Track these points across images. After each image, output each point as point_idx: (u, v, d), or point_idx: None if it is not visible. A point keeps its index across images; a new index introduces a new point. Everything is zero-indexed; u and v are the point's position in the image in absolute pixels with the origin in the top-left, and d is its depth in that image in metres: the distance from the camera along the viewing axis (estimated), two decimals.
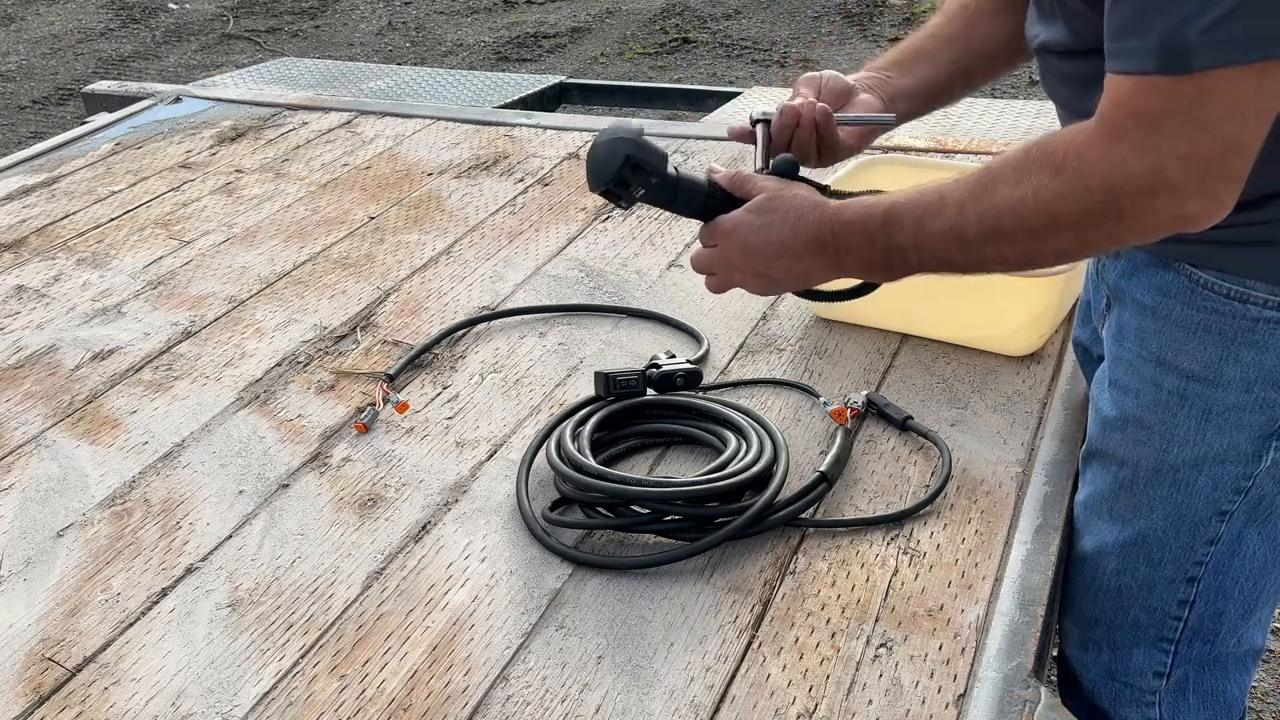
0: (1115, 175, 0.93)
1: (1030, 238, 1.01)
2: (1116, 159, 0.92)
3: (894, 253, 1.10)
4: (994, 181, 1.02)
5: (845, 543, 1.26)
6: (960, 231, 1.04)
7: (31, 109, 6.05)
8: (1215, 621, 1.24)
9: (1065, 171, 0.96)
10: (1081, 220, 0.96)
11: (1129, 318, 1.20)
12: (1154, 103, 0.89)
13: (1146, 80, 0.88)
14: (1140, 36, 0.87)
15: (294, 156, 2.47)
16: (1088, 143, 0.95)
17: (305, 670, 1.13)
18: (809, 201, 1.15)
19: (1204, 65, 0.85)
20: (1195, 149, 0.89)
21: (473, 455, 1.45)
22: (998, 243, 1.03)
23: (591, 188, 1.21)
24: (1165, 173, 0.90)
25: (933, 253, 1.08)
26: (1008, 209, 1.00)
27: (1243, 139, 0.89)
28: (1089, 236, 0.98)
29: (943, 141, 2.31)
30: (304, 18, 7.28)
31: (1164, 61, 0.86)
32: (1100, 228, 0.96)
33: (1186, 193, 0.91)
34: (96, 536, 1.34)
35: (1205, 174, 0.90)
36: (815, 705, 1.06)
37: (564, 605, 1.19)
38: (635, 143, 1.18)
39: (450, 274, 1.92)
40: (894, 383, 1.54)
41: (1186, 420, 1.15)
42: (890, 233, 1.09)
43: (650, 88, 3.86)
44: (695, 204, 1.22)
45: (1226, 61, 0.85)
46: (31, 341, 1.78)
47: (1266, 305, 1.08)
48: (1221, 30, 0.83)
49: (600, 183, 1.20)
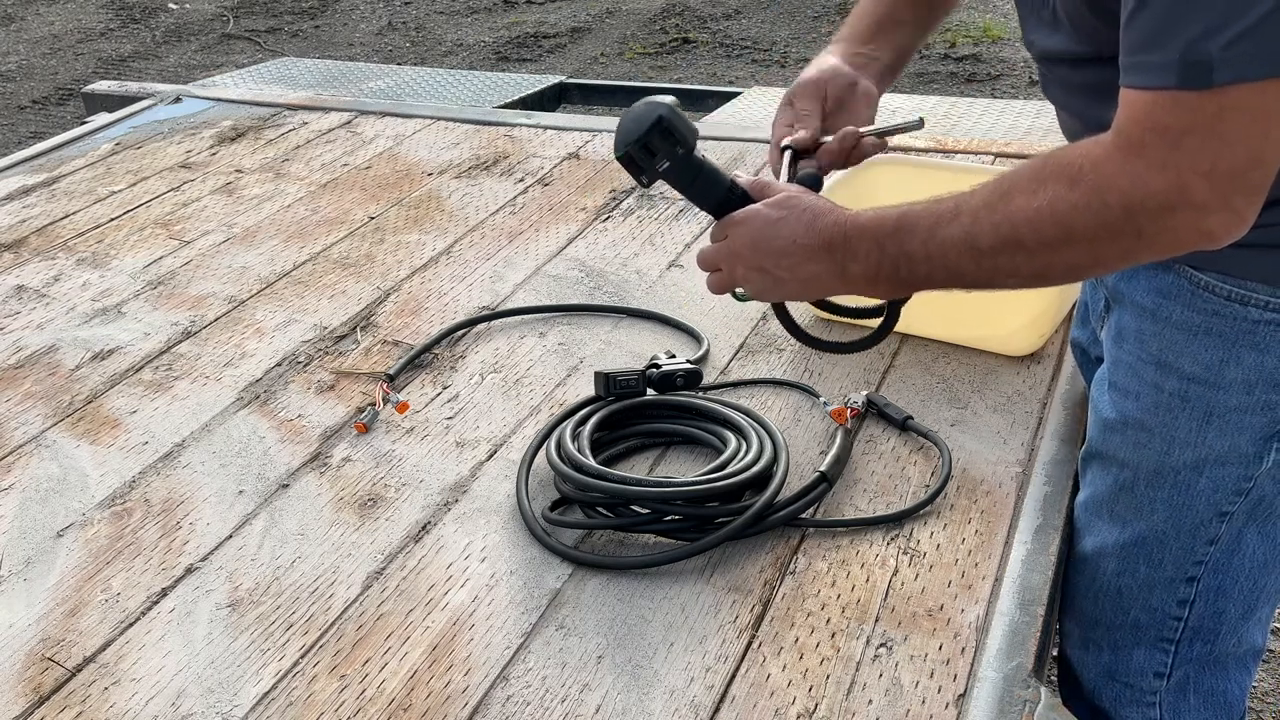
0: (1134, 191, 0.91)
1: (1045, 250, 0.99)
2: (1135, 175, 0.91)
3: (903, 261, 1.07)
4: (1010, 191, 1.00)
5: (845, 543, 1.26)
6: (974, 240, 1.01)
7: (31, 109, 6.05)
8: (1215, 621, 1.24)
9: (1081, 184, 0.94)
10: (1098, 234, 0.95)
11: (1129, 320, 1.20)
12: (1175, 118, 0.87)
13: (1167, 95, 0.87)
14: (1160, 51, 0.86)
15: (294, 156, 2.47)
16: (1105, 157, 0.93)
17: (305, 670, 1.13)
18: (828, 206, 1.13)
19: (1226, 80, 0.84)
20: (1217, 164, 0.87)
21: (473, 455, 1.45)
22: (1012, 253, 1.00)
23: (616, 152, 1.17)
24: (1187, 189, 0.89)
25: (943, 263, 1.05)
26: (1023, 219, 0.98)
27: (1265, 154, 0.88)
28: (1103, 251, 0.96)
29: (943, 141, 2.31)
30: (304, 18, 7.28)
31: (1185, 76, 0.85)
32: (1116, 242, 0.95)
33: (1208, 209, 0.89)
34: (96, 536, 1.34)
35: (1228, 188, 0.88)
36: (815, 705, 1.06)
37: (564, 605, 1.19)
38: (670, 108, 1.14)
39: (450, 274, 1.92)
40: (894, 383, 1.54)
41: (1187, 422, 1.15)
42: (901, 240, 1.06)
43: (650, 88, 3.85)
44: (715, 195, 1.18)
45: (1249, 76, 0.83)
46: (31, 341, 1.78)
47: (1267, 308, 1.08)
48: (1243, 45, 0.82)
49: (627, 143, 1.15)
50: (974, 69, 5.51)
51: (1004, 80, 5.36)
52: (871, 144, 1.29)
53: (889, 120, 1.30)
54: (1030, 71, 5.32)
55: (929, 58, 5.66)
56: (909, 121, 1.26)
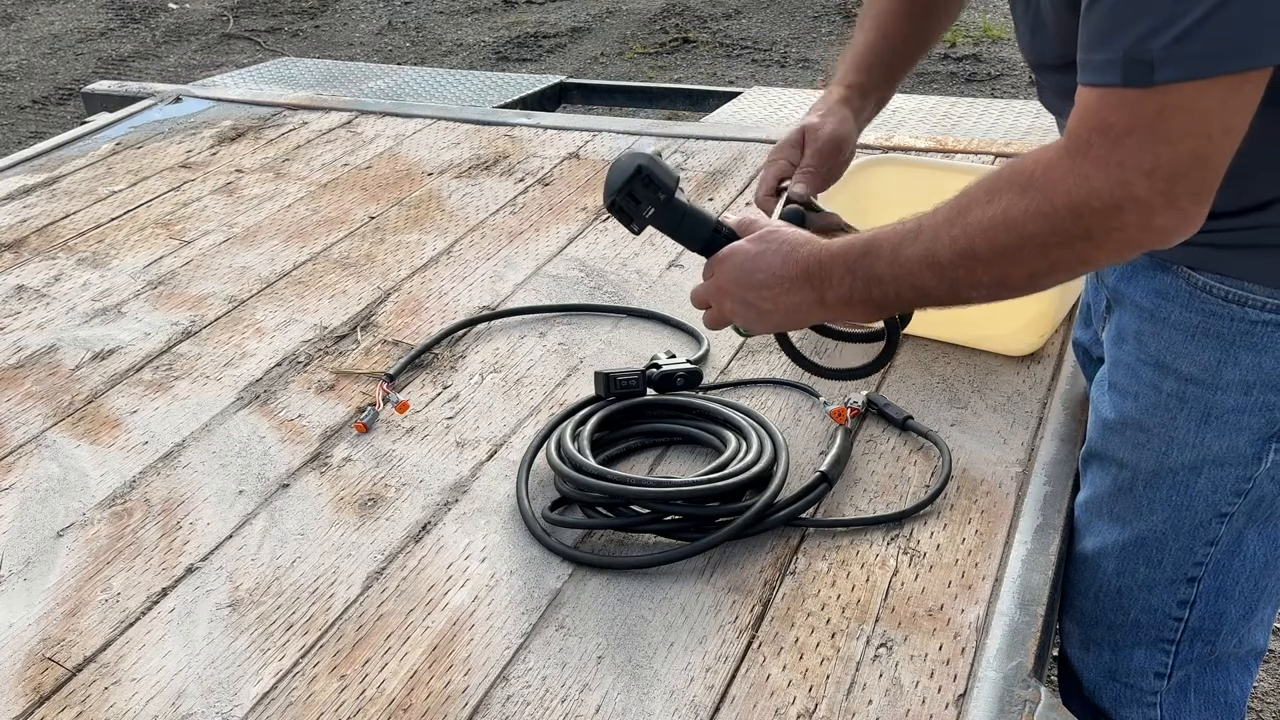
0: (1078, 192, 0.92)
1: (1001, 259, 1.00)
2: (1081, 175, 0.91)
3: (873, 283, 1.09)
4: (968, 204, 1.01)
5: (845, 543, 1.26)
6: (934, 255, 1.03)
7: (31, 109, 6.05)
8: (1216, 622, 1.24)
9: (1031, 189, 0.95)
10: (1049, 239, 0.95)
11: (1128, 320, 1.20)
12: (1118, 116, 0.88)
13: (1112, 93, 0.88)
14: (1107, 49, 0.87)
15: (294, 156, 2.47)
16: (1053, 160, 0.94)
17: (305, 670, 1.13)
18: (805, 237, 1.16)
19: (1167, 79, 0.84)
20: (1159, 163, 0.88)
21: (473, 455, 1.45)
22: (970, 265, 1.01)
23: (605, 203, 1.25)
24: (1129, 187, 0.89)
25: (909, 281, 1.06)
26: (978, 230, 0.99)
27: (1208, 154, 0.88)
28: (1058, 256, 0.97)
29: (943, 141, 2.31)
30: (304, 18, 7.28)
31: (1128, 75, 0.85)
32: (1069, 247, 0.95)
33: (1154, 208, 0.90)
34: (96, 536, 1.34)
35: (1170, 188, 0.89)
36: (815, 705, 1.06)
37: (564, 605, 1.19)
38: (650, 158, 1.22)
39: (450, 274, 1.92)
40: (894, 383, 1.54)
41: (1186, 423, 1.16)
42: (869, 263, 1.08)
43: (650, 88, 3.86)
44: (701, 236, 1.24)
45: (1189, 75, 0.84)
46: (31, 341, 1.78)
47: (1265, 308, 1.08)
48: (1185, 44, 0.83)
49: (612, 193, 1.23)
50: (974, 69, 5.51)
51: (1004, 80, 5.36)
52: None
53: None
54: (1030, 71, 5.32)
55: (929, 58, 5.65)
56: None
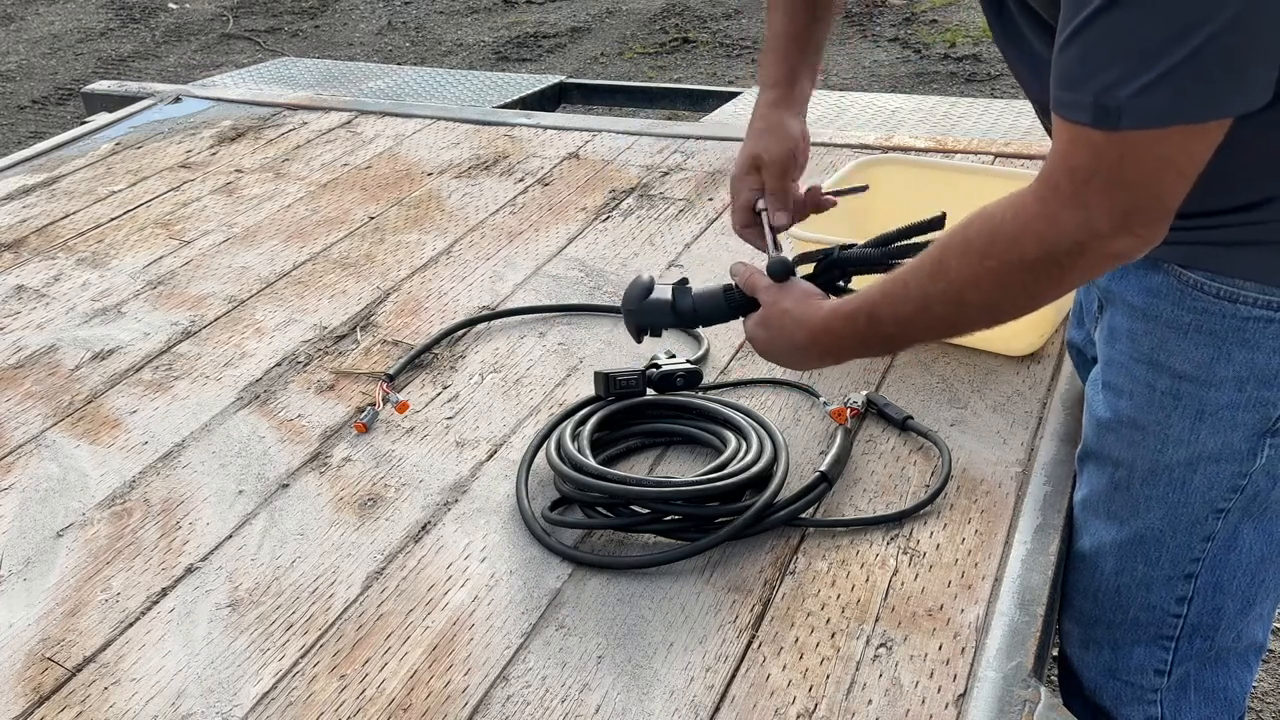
0: (1049, 233, 0.97)
1: (985, 305, 1.07)
2: (1050, 216, 0.97)
3: (888, 342, 1.24)
4: (944, 257, 1.07)
5: (845, 543, 1.26)
6: (928, 310, 1.11)
7: (31, 109, 6.05)
8: (1214, 617, 1.24)
9: (1002, 235, 1.01)
10: (1025, 277, 1.02)
11: (1120, 319, 1.20)
12: (1084, 158, 0.93)
13: (1081, 133, 0.92)
14: (1079, 90, 0.91)
15: (294, 156, 2.47)
16: (1024, 202, 0.99)
17: (305, 670, 1.13)
18: (794, 320, 1.23)
19: (1129, 125, 0.89)
20: (1117, 204, 0.93)
21: (473, 455, 1.45)
22: (963, 309, 1.08)
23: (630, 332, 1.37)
24: (1093, 226, 0.95)
25: (915, 336, 1.20)
26: (960, 281, 1.05)
27: (1163, 195, 0.93)
28: (1037, 288, 1.03)
29: (943, 141, 2.31)
30: (304, 18, 7.28)
31: (1096, 117, 0.90)
32: (1046, 276, 1.01)
33: (1114, 237, 0.96)
34: (96, 536, 1.34)
35: (1126, 222, 0.94)
36: (815, 705, 1.06)
37: (564, 605, 1.19)
38: (639, 313, 1.33)
39: (450, 274, 1.92)
40: (894, 383, 1.54)
41: (1180, 420, 1.16)
42: (875, 330, 1.16)
43: (650, 88, 3.86)
44: (723, 313, 1.32)
45: (1150, 124, 0.89)
46: (31, 341, 1.78)
47: (1256, 304, 1.08)
48: (1149, 95, 0.87)
49: (631, 327, 1.35)
50: (974, 69, 5.51)
51: (1004, 80, 5.35)
52: (826, 201, 1.44)
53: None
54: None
55: (929, 58, 5.66)
56: (857, 187, 1.47)
